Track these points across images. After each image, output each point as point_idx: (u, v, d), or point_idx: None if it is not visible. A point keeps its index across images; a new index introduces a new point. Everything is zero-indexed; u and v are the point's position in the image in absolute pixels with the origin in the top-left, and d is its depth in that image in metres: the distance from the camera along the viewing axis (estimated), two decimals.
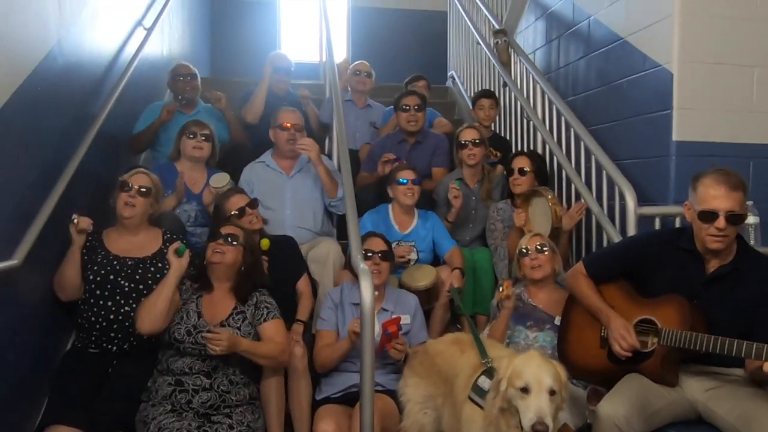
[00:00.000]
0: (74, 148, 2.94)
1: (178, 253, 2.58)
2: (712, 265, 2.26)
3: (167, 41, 5.05)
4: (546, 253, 2.83)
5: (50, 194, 2.64)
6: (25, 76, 2.49)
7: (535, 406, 1.88)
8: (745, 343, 2.01)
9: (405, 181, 3.32)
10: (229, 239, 2.64)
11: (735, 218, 2.15)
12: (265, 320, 2.64)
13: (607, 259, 2.54)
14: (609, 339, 2.34)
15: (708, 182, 2.19)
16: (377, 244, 2.89)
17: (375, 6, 7.99)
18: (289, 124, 3.55)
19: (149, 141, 3.91)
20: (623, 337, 2.28)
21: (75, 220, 2.69)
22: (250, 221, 3.01)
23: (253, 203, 3.08)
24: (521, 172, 3.41)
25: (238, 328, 2.58)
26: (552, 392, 1.92)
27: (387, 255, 2.90)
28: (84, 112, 3.23)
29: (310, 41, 7.47)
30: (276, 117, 3.63)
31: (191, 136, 3.45)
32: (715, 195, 2.15)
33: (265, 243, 3.00)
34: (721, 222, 2.14)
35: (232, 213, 3.00)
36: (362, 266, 2.32)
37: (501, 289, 2.72)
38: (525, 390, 1.92)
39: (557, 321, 2.76)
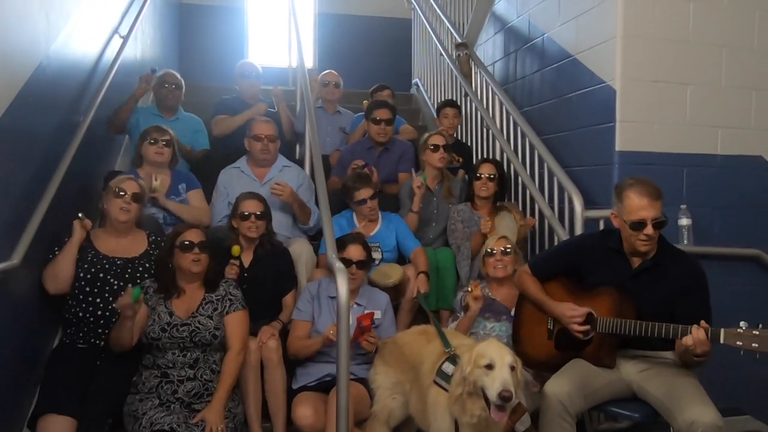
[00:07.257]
0: (63, 153, 3.09)
1: (134, 296, 2.53)
2: (636, 261, 2.57)
3: (140, 47, 5.17)
4: (510, 255, 3.13)
5: (43, 198, 2.78)
6: (19, 88, 2.63)
7: (500, 378, 2.17)
8: (664, 326, 2.33)
9: (365, 201, 3.51)
10: (203, 248, 2.76)
11: (659, 224, 2.46)
12: (228, 312, 2.79)
13: (548, 260, 2.82)
14: (563, 324, 2.58)
15: (633, 195, 2.46)
16: (357, 254, 3.05)
17: (341, 12, 8.12)
18: (263, 135, 3.70)
19: (126, 118, 4.04)
20: (572, 316, 2.54)
21: (81, 216, 2.86)
22: (249, 228, 3.13)
23: (266, 214, 3.18)
24: (490, 178, 3.66)
25: (209, 317, 2.73)
26: (512, 368, 2.21)
27: (364, 265, 3.06)
28: (71, 119, 3.38)
29: (278, 46, 7.58)
30: (251, 127, 3.77)
31: (153, 141, 3.53)
32: (641, 206, 2.44)
33: (235, 250, 3.10)
34: (649, 230, 2.44)
35: (245, 213, 3.12)
36: (338, 265, 2.54)
37: (470, 289, 2.96)
38: (489, 366, 2.21)
39: (513, 312, 3.02)
